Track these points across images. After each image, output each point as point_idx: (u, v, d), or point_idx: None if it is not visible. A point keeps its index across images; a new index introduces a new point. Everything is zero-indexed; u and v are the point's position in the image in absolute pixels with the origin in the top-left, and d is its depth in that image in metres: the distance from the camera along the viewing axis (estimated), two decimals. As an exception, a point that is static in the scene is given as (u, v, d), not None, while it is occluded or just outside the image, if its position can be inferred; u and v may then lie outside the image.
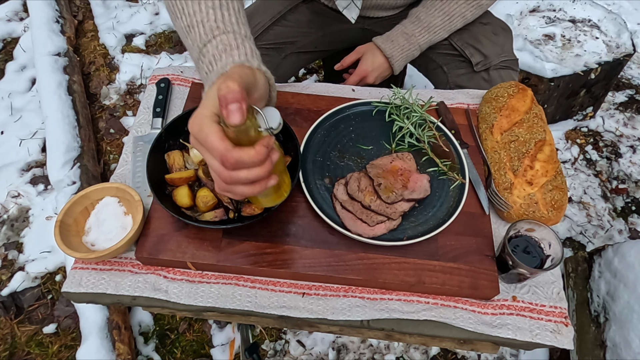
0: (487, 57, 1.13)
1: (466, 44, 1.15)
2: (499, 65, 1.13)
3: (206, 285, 0.79)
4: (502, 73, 1.13)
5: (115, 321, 1.41)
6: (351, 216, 0.81)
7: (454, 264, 0.79)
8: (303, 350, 1.47)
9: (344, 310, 0.77)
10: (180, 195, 0.81)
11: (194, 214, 0.81)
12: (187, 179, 0.84)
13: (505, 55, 1.14)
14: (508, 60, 1.14)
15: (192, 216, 0.81)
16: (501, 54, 1.13)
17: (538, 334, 0.75)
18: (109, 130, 2.02)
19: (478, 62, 1.13)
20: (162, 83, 1.03)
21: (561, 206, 0.84)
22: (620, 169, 1.89)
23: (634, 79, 2.20)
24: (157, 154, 0.85)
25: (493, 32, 1.17)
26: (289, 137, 0.88)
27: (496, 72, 1.13)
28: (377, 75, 1.19)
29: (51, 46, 2.07)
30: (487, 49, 1.14)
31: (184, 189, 0.82)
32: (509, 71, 1.14)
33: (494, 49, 1.14)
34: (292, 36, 1.21)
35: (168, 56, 2.27)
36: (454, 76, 1.18)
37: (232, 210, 0.81)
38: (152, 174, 0.82)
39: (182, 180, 0.83)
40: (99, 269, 0.81)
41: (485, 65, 1.13)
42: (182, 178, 0.83)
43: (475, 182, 0.87)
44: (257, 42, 1.17)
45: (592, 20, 1.84)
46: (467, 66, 1.16)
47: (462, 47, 1.15)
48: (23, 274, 1.59)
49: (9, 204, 1.76)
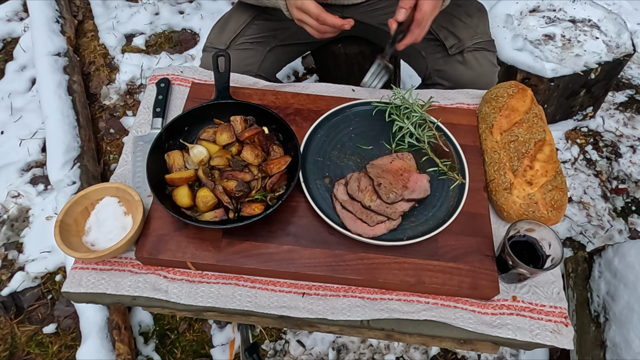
0: (461, 39, 1.13)
1: (440, 27, 1.15)
2: (472, 47, 1.13)
3: (206, 285, 0.79)
4: (477, 55, 1.13)
5: (115, 321, 1.41)
6: (351, 216, 0.81)
7: (454, 264, 0.79)
8: (303, 350, 1.47)
9: (344, 310, 0.77)
10: (180, 195, 0.81)
11: (194, 214, 0.81)
12: (187, 179, 0.84)
13: (479, 37, 1.14)
14: (482, 42, 1.14)
15: (192, 216, 0.81)
16: (474, 35, 1.13)
17: (538, 334, 0.75)
18: (109, 130, 2.02)
19: (452, 45, 1.13)
20: (162, 83, 1.03)
21: (561, 206, 0.84)
22: (620, 169, 1.89)
23: (634, 79, 2.20)
24: (157, 154, 0.86)
25: (467, 14, 1.16)
26: (288, 137, 0.89)
27: (471, 54, 1.13)
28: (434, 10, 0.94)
29: (51, 46, 2.07)
30: (460, 31, 1.13)
31: (184, 189, 0.82)
32: (484, 52, 1.14)
33: (467, 31, 1.14)
34: (274, 29, 1.21)
35: (168, 56, 2.27)
36: (432, 61, 1.18)
37: (232, 210, 0.81)
38: (152, 174, 0.82)
39: (182, 180, 0.83)
40: (99, 269, 0.81)
41: (459, 48, 1.13)
42: (182, 178, 0.83)
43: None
44: (241, 38, 1.19)
45: (592, 20, 1.84)
46: (442, 50, 1.16)
47: (436, 30, 1.15)
48: (23, 274, 1.59)
49: (9, 204, 1.76)
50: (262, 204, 0.82)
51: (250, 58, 1.19)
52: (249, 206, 0.82)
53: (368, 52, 1.47)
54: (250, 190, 0.84)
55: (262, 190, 0.84)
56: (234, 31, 1.19)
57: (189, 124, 0.92)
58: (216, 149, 0.88)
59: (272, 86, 1.06)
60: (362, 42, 1.44)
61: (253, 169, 0.86)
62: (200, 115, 0.92)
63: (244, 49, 1.18)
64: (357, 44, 1.45)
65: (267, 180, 0.84)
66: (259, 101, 0.99)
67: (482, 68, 1.12)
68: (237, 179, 0.83)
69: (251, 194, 0.84)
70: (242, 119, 0.91)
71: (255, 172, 0.85)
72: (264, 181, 0.85)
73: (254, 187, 0.84)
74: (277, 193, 0.84)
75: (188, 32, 2.38)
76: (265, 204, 0.82)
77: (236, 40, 1.18)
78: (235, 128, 0.90)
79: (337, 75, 1.59)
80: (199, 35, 2.35)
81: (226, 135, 0.89)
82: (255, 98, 1.00)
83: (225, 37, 1.18)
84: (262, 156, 0.87)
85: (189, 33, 2.37)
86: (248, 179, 0.84)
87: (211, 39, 1.22)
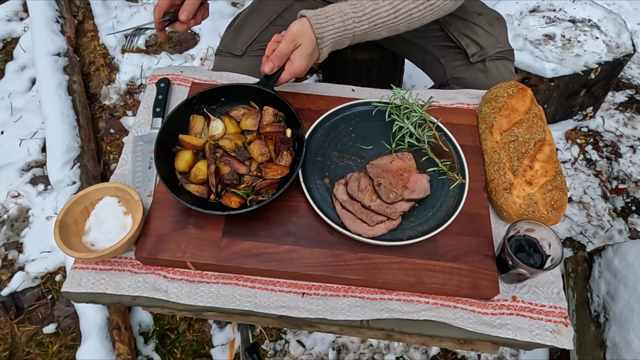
0: (483, 47, 1.13)
1: (462, 34, 1.15)
2: (494, 56, 1.13)
3: (206, 285, 0.79)
4: (498, 64, 1.13)
5: (115, 321, 1.41)
6: (351, 216, 0.81)
7: (454, 264, 0.79)
8: (303, 350, 1.47)
9: (343, 310, 0.77)
10: (180, 158, 0.85)
11: (182, 181, 0.84)
12: (195, 146, 0.86)
13: (501, 46, 1.14)
14: (504, 51, 1.14)
15: (180, 181, 0.84)
16: (497, 44, 1.13)
17: (538, 334, 0.75)
18: (109, 130, 2.02)
19: (474, 53, 1.13)
20: (162, 83, 1.03)
21: (561, 206, 0.84)
22: (620, 169, 1.89)
23: (634, 79, 2.20)
24: (185, 112, 0.89)
25: (488, 23, 1.17)
26: (299, 151, 0.87)
27: (492, 63, 1.13)
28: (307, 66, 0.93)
29: (51, 46, 2.07)
30: (483, 39, 1.14)
31: (187, 154, 0.85)
32: (505, 62, 1.14)
33: (489, 39, 1.14)
34: None
35: (168, 56, 2.27)
36: (450, 68, 1.18)
37: (213, 193, 0.83)
38: (172, 126, 0.86)
39: (191, 145, 0.86)
40: (98, 269, 0.81)
41: (482, 56, 1.13)
42: (191, 143, 0.86)
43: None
44: (256, 44, 1.18)
45: (592, 20, 1.84)
46: (463, 57, 1.15)
47: (458, 37, 1.15)
48: (23, 274, 1.59)
49: (9, 204, 1.76)
50: (241, 201, 0.82)
51: None
52: (229, 197, 0.82)
53: (378, 58, 1.45)
54: (240, 183, 0.84)
55: (249, 189, 0.84)
56: (250, 36, 1.18)
57: (228, 96, 0.93)
58: (233, 130, 0.89)
59: (272, 86, 1.06)
60: (373, 49, 1.42)
61: (253, 165, 0.85)
62: (240, 92, 0.93)
63: (259, 55, 1.15)
64: (368, 50, 1.43)
65: (258, 182, 0.84)
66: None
67: (502, 77, 1.12)
68: (233, 167, 0.84)
69: (239, 186, 0.84)
70: (274, 112, 0.90)
71: (253, 168, 0.85)
72: (256, 179, 0.85)
73: (244, 182, 0.84)
74: (260, 197, 0.82)
75: (188, 32, 2.38)
76: (243, 202, 0.82)
77: (252, 46, 1.17)
78: (262, 118, 0.90)
79: (344, 81, 1.58)
80: (199, 36, 2.35)
81: (250, 121, 0.89)
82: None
83: (242, 43, 1.17)
84: (268, 156, 0.86)
85: (189, 33, 2.37)
86: (242, 171, 0.84)
87: (226, 42, 1.20)
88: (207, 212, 0.78)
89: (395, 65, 1.55)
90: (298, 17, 0.92)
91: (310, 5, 1.23)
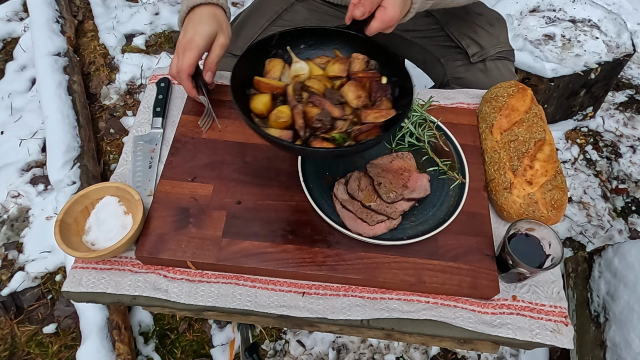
0: (484, 47, 1.13)
1: (463, 34, 1.15)
2: (495, 56, 1.13)
3: (206, 285, 0.79)
4: (498, 64, 1.13)
5: (115, 321, 1.41)
6: (351, 215, 0.81)
7: (454, 264, 0.79)
8: (303, 350, 1.47)
9: (344, 309, 0.77)
10: (259, 101, 0.77)
11: (260, 124, 0.76)
12: (273, 88, 0.79)
13: (501, 46, 1.14)
14: (504, 51, 1.14)
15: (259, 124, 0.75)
16: (497, 44, 1.14)
17: (538, 334, 0.75)
18: (109, 130, 2.02)
19: (474, 53, 1.13)
20: (162, 83, 1.03)
21: (561, 206, 0.84)
22: (620, 169, 1.89)
23: (634, 79, 2.20)
24: (260, 55, 0.81)
25: (489, 23, 1.17)
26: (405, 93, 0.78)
27: (492, 63, 1.13)
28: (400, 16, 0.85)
29: (51, 46, 2.07)
30: (483, 39, 1.14)
31: (265, 96, 0.77)
32: (505, 62, 1.14)
33: (489, 39, 1.14)
34: None
35: (168, 56, 2.27)
36: (451, 68, 1.18)
37: (300, 138, 0.73)
38: (244, 69, 0.77)
39: (269, 87, 0.79)
40: (99, 269, 0.81)
41: (482, 56, 1.13)
42: (269, 85, 0.79)
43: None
44: None
45: (592, 20, 1.84)
46: (463, 58, 1.16)
47: (458, 37, 1.15)
48: (23, 274, 1.59)
49: (9, 204, 1.76)
50: (330, 145, 0.73)
51: None
52: (319, 142, 0.72)
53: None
54: (332, 128, 0.74)
55: (345, 134, 0.73)
56: (250, 37, 1.18)
57: (311, 41, 0.85)
58: (319, 73, 0.81)
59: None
60: None
61: (347, 109, 0.76)
62: (325, 37, 0.85)
63: None
64: None
65: (355, 127, 0.74)
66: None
67: (502, 77, 1.12)
68: (324, 108, 0.74)
69: (330, 132, 0.73)
70: (365, 59, 0.81)
71: (347, 112, 0.75)
72: (351, 126, 0.74)
73: (336, 127, 0.74)
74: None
75: (188, 32, 2.38)
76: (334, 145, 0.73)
77: None
78: (352, 65, 0.81)
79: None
80: (199, 36, 2.35)
81: (338, 67, 0.80)
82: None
83: (242, 43, 1.17)
84: (365, 102, 0.77)
85: (189, 33, 2.37)
86: (336, 114, 0.73)
87: None
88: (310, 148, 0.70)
89: (395, 65, 1.55)
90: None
91: (312, 6, 1.23)
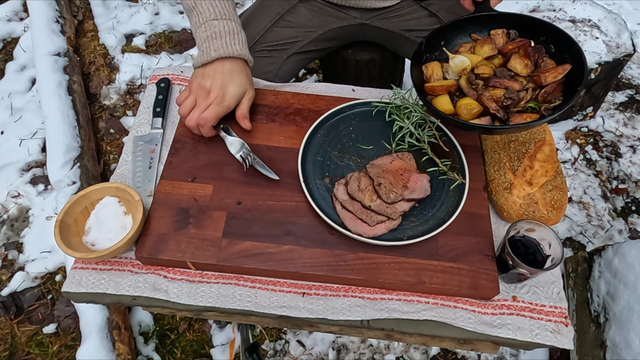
0: None
1: None
2: None
3: (206, 285, 0.79)
4: None
5: (115, 321, 1.41)
6: (351, 216, 0.81)
7: (454, 264, 0.79)
8: (303, 350, 1.47)
9: (344, 310, 0.77)
10: (441, 102, 0.84)
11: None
12: (448, 87, 0.86)
13: None
14: None
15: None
16: None
17: (538, 334, 0.75)
18: (109, 130, 2.02)
19: None
20: (162, 83, 1.03)
21: (561, 206, 0.84)
22: (620, 169, 1.89)
23: (634, 79, 2.20)
24: (415, 67, 0.88)
25: None
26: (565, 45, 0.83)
27: None
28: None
29: (51, 46, 2.07)
30: None
31: (444, 97, 0.85)
32: None
33: None
34: (292, 37, 1.20)
35: (168, 56, 2.27)
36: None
37: (498, 120, 0.80)
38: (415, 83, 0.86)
39: (443, 88, 0.86)
40: (99, 269, 0.81)
41: None
42: (443, 86, 0.86)
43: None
44: (259, 45, 1.18)
45: (592, 20, 1.84)
46: None
47: None
48: (23, 274, 1.59)
49: (9, 204, 1.76)
50: (535, 115, 0.78)
51: (268, 65, 1.18)
52: (520, 116, 0.78)
53: (379, 59, 1.44)
54: (520, 100, 0.81)
55: (533, 101, 0.80)
56: (252, 38, 1.17)
57: (446, 38, 0.92)
58: (478, 59, 0.87)
59: (272, 86, 1.06)
60: (373, 49, 1.41)
61: (521, 80, 0.82)
62: (458, 29, 0.92)
63: (262, 57, 1.17)
64: (369, 51, 1.42)
65: (538, 91, 0.81)
66: (258, 101, 0.99)
67: None
68: (506, 86, 0.80)
69: (520, 104, 0.81)
70: (504, 32, 0.89)
71: (524, 82, 0.82)
72: (534, 92, 0.81)
73: (522, 98, 0.81)
74: (551, 104, 0.79)
75: (188, 32, 2.38)
76: (538, 114, 0.78)
77: (255, 47, 1.17)
78: (496, 41, 0.88)
79: (344, 82, 1.57)
80: (199, 35, 2.35)
81: (487, 47, 0.87)
82: (255, 97, 1.00)
83: None
84: (531, 67, 0.84)
85: (189, 33, 2.37)
86: (517, 87, 0.81)
87: None
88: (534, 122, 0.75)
89: (395, 65, 1.55)
90: None
91: (314, 7, 1.23)
